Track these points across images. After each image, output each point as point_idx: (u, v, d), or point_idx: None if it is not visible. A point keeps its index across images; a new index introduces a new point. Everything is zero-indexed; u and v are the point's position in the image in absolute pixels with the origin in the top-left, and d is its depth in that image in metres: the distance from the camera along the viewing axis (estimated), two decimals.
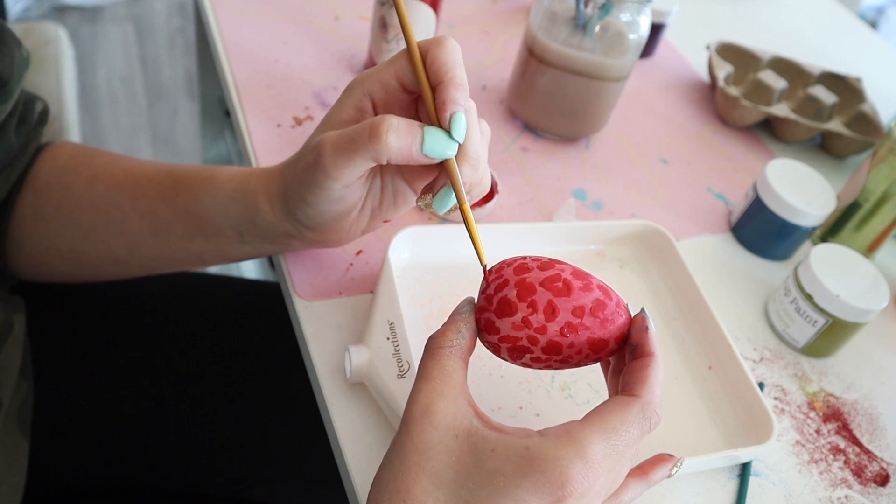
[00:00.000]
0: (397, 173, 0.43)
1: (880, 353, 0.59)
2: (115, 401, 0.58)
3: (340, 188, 0.39)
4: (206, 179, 0.44)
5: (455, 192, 0.38)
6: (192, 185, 0.44)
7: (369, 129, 0.36)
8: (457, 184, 0.38)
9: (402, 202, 0.44)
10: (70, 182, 0.47)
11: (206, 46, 0.80)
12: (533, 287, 0.36)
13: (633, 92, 0.77)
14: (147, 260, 0.48)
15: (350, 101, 0.40)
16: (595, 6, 0.58)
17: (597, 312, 0.36)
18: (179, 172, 0.46)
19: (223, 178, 0.44)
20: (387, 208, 0.44)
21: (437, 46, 0.37)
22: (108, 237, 0.47)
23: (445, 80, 0.37)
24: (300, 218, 0.41)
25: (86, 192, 0.47)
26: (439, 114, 0.37)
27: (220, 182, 0.44)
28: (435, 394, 0.33)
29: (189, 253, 0.46)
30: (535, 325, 0.36)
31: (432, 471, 0.32)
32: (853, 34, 1.04)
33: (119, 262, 0.48)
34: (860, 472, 0.50)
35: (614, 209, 0.63)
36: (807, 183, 0.61)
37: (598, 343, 0.37)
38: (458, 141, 0.37)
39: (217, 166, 0.45)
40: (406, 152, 0.37)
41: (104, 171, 0.47)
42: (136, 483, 0.57)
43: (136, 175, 0.47)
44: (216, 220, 0.44)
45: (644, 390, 0.35)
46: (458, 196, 0.38)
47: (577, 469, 0.31)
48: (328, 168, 0.37)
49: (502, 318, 0.36)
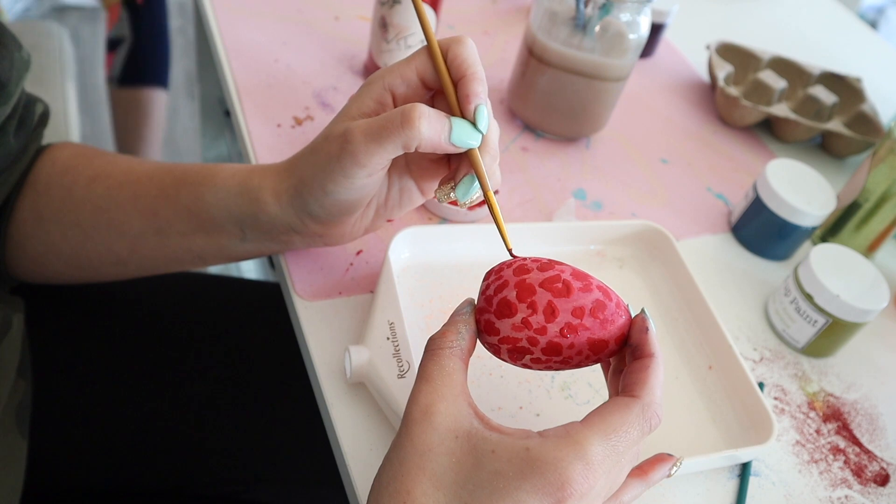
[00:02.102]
0: (406, 171, 0.44)
1: (880, 353, 0.59)
2: (114, 401, 0.58)
3: (365, 176, 0.39)
4: (207, 176, 0.44)
5: (479, 181, 0.40)
6: (194, 182, 0.44)
7: (401, 116, 0.37)
8: (481, 172, 0.39)
9: (408, 201, 0.45)
10: (70, 183, 0.47)
11: (206, 46, 0.80)
12: (532, 288, 0.36)
13: (633, 92, 0.77)
14: (148, 260, 0.48)
15: (371, 94, 0.41)
16: (595, 6, 0.58)
17: (597, 313, 0.36)
18: (181, 170, 0.46)
19: (225, 174, 0.44)
20: (392, 206, 0.45)
21: (457, 44, 0.39)
22: (109, 237, 0.47)
23: (468, 74, 0.39)
24: (312, 208, 0.41)
25: (86, 193, 0.47)
26: (463, 106, 0.39)
27: (223, 178, 0.44)
28: (435, 395, 0.33)
29: (190, 252, 0.46)
30: (534, 325, 0.36)
31: (432, 472, 0.32)
32: (853, 34, 1.04)
33: (120, 262, 0.48)
34: (860, 472, 0.50)
35: (614, 209, 0.63)
36: (807, 183, 0.61)
37: (598, 344, 0.37)
38: (481, 132, 0.39)
39: (218, 164, 0.46)
40: (436, 140, 0.38)
41: (104, 171, 0.47)
42: (136, 484, 0.57)
43: (137, 174, 0.47)
44: (218, 216, 0.44)
45: (644, 391, 0.35)
46: (482, 183, 0.40)
47: (576, 470, 0.31)
48: (358, 154, 0.38)
49: (502, 320, 0.36)
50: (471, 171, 0.40)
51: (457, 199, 0.40)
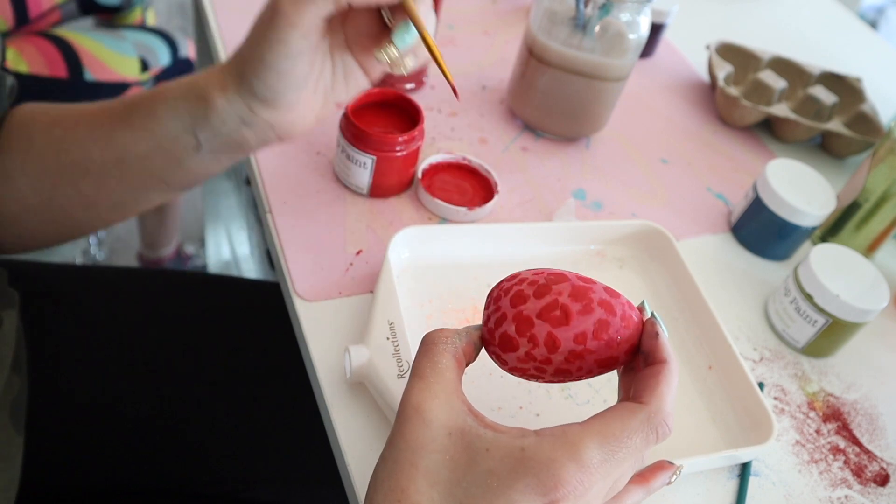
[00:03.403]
0: (346, 50, 0.44)
1: (880, 353, 0.59)
2: (114, 399, 0.58)
3: (299, 38, 0.40)
4: (157, 93, 0.45)
5: (414, 23, 0.40)
6: (144, 101, 0.45)
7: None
8: (415, 15, 0.40)
9: (353, 82, 0.46)
10: (31, 134, 0.48)
11: (206, 46, 0.80)
12: (530, 320, 0.35)
13: (633, 92, 0.77)
14: (117, 195, 0.48)
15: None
16: (595, 6, 0.58)
17: (600, 335, 0.35)
18: (131, 98, 0.47)
19: (173, 85, 0.45)
20: (339, 89, 0.46)
21: None
22: (74, 178, 0.47)
23: None
24: (256, 88, 0.42)
25: (46, 139, 0.47)
26: None
27: (171, 89, 0.45)
28: (428, 392, 0.33)
29: (152, 177, 0.47)
30: (539, 357, 0.35)
31: (426, 470, 0.32)
32: (853, 34, 1.04)
33: (90, 204, 0.48)
34: (860, 472, 0.50)
35: (614, 209, 0.63)
36: (807, 183, 0.61)
37: (607, 361, 0.36)
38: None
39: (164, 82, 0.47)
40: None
41: (61, 115, 0.48)
42: (135, 482, 0.57)
43: (91, 110, 0.47)
44: (171, 126, 0.44)
45: (653, 398, 0.34)
46: (417, 25, 0.40)
47: (570, 471, 0.31)
48: (289, 13, 0.39)
49: (507, 353, 0.36)
50: (405, 18, 0.40)
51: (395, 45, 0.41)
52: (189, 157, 0.45)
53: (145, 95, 0.45)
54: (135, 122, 0.45)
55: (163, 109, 0.44)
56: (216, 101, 0.43)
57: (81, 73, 1.06)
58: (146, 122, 0.45)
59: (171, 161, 0.46)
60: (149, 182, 0.47)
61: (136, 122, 0.45)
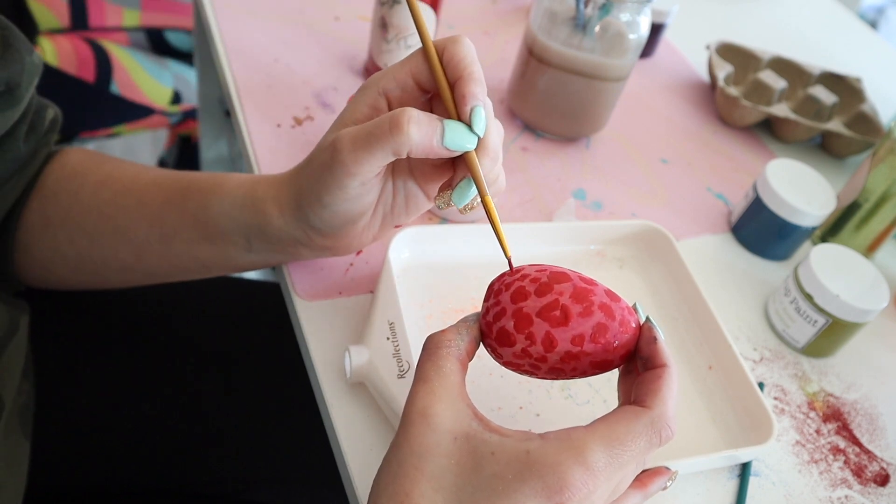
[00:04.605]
0: (409, 176, 0.42)
1: (880, 353, 0.59)
2: (115, 402, 0.58)
3: (358, 185, 0.38)
4: (214, 185, 0.44)
5: (476, 184, 0.38)
6: (201, 190, 0.44)
7: (389, 121, 0.36)
8: (478, 175, 0.38)
9: (414, 207, 0.44)
10: (78, 188, 0.47)
11: (206, 46, 0.80)
12: (529, 318, 0.35)
13: (633, 92, 0.77)
14: (153, 267, 0.47)
15: (365, 100, 0.39)
16: (595, 6, 0.58)
17: (597, 338, 0.35)
18: (187, 178, 0.45)
19: (232, 184, 0.44)
20: (398, 213, 0.44)
21: (453, 44, 0.38)
22: (115, 243, 0.46)
23: (464, 75, 0.37)
24: (313, 221, 0.41)
25: (93, 198, 0.46)
26: (459, 108, 0.37)
27: (229, 188, 0.43)
28: (432, 396, 0.33)
29: (195, 261, 0.46)
30: (535, 355, 0.35)
31: (431, 474, 0.32)
32: (853, 34, 1.04)
33: (125, 268, 0.48)
34: (860, 472, 0.50)
35: (614, 209, 0.63)
36: (807, 183, 0.61)
37: (602, 363, 0.36)
38: (478, 134, 0.38)
39: (226, 173, 0.45)
40: (427, 144, 0.37)
41: (112, 176, 0.47)
42: (136, 483, 0.57)
43: (144, 180, 0.46)
44: (224, 225, 0.43)
45: (656, 402, 0.34)
46: (479, 187, 0.38)
47: (576, 475, 0.31)
48: (347, 163, 0.37)
49: (503, 348, 0.36)
50: (468, 175, 0.38)
51: (454, 204, 0.39)
52: (237, 254, 0.45)
53: (202, 184, 0.44)
54: (187, 209, 0.44)
55: (218, 208, 0.43)
56: (273, 220, 0.42)
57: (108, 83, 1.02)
58: (199, 214, 0.44)
59: (218, 253, 0.45)
60: (191, 265, 0.46)
61: (187, 211, 0.44)
